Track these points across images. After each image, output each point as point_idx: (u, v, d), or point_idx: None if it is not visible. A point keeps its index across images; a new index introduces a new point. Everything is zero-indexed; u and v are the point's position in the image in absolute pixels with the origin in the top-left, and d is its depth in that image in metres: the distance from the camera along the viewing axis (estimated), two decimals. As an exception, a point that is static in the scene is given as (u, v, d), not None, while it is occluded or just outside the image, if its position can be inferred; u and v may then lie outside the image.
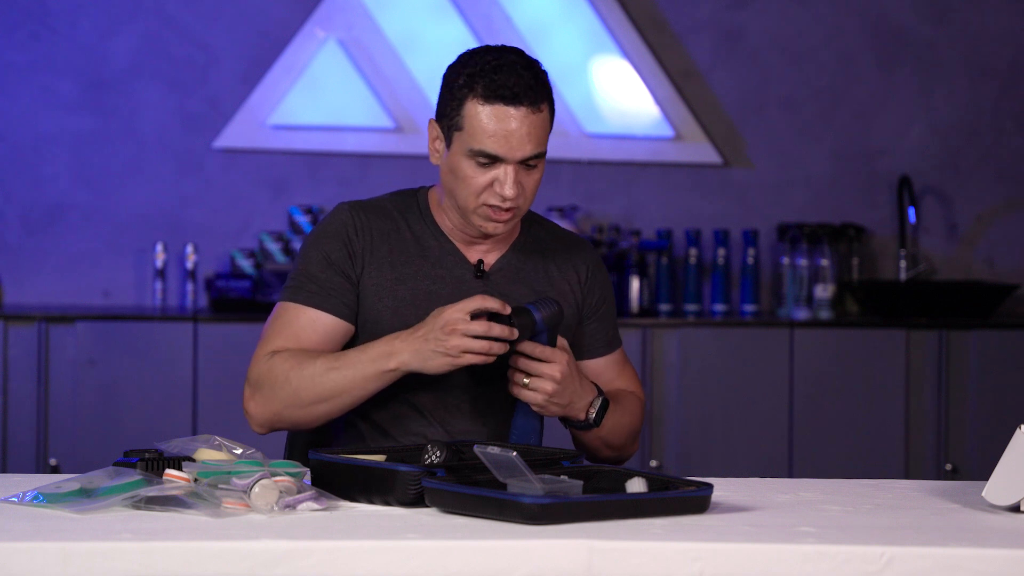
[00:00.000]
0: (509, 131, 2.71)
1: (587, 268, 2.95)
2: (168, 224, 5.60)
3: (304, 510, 2.31)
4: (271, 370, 2.74)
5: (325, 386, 2.71)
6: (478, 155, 2.73)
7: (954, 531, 2.27)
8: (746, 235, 5.68)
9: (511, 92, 2.71)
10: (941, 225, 5.85)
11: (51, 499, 2.31)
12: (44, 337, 5.13)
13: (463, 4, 5.64)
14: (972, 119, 5.85)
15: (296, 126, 5.60)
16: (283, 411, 2.75)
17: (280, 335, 2.80)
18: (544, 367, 2.69)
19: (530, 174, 2.76)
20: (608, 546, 2.12)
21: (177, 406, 5.13)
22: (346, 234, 2.83)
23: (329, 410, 2.74)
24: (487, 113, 2.72)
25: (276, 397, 2.74)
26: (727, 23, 5.78)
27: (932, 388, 5.34)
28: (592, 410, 2.78)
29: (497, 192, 2.74)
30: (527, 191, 2.76)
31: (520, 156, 2.73)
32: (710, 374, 5.30)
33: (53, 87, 5.56)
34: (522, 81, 2.72)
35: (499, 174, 2.73)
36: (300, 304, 2.81)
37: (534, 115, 2.73)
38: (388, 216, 2.86)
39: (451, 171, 2.77)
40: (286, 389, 2.73)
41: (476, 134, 2.72)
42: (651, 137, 5.75)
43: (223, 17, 5.62)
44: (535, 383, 2.69)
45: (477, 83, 2.72)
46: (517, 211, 2.77)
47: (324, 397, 2.72)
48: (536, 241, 2.93)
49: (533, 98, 2.72)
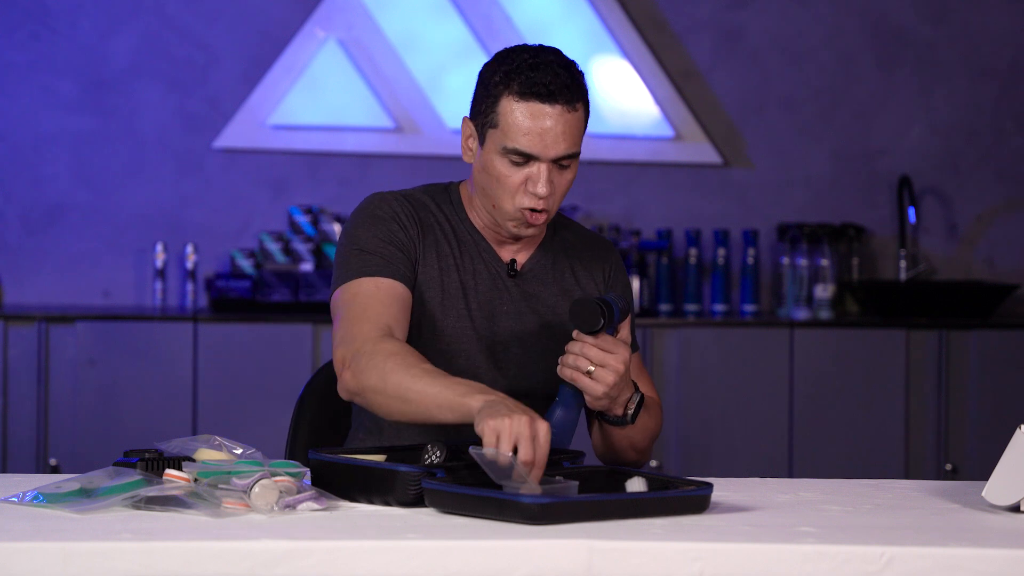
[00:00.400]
0: (544, 129, 2.71)
1: (610, 268, 2.96)
2: (168, 224, 5.60)
3: (304, 510, 2.31)
4: (375, 349, 2.63)
5: (410, 387, 2.59)
6: (512, 153, 2.72)
7: (954, 531, 2.27)
8: (746, 235, 5.68)
9: (547, 90, 2.70)
10: (941, 225, 5.85)
11: (51, 499, 2.31)
12: (44, 337, 5.13)
13: (463, 4, 5.64)
14: (972, 119, 5.85)
15: (296, 126, 5.60)
16: (367, 391, 2.63)
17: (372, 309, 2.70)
18: (610, 358, 2.66)
19: (563, 174, 2.75)
20: (608, 546, 2.12)
21: (177, 406, 5.13)
22: (398, 218, 2.81)
23: (403, 411, 2.62)
24: (522, 110, 2.71)
25: (368, 375, 2.62)
26: (727, 23, 5.78)
27: (932, 388, 5.34)
28: (631, 405, 2.76)
29: (530, 191, 2.73)
30: (559, 191, 2.75)
31: (554, 154, 2.72)
32: (710, 374, 5.30)
33: (53, 87, 5.56)
34: (559, 79, 2.71)
35: (532, 172, 2.73)
36: (375, 276, 2.75)
37: (569, 114, 2.72)
38: (428, 208, 2.85)
39: (484, 169, 2.76)
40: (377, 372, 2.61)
41: (511, 132, 2.71)
42: (651, 137, 5.75)
43: (223, 17, 5.62)
44: (599, 373, 2.67)
45: (513, 80, 2.72)
46: (548, 213, 2.77)
47: (406, 398, 2.60)
48: (562, 241, 2.93)
49: (569, 97, 2.71)
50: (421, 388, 2.58)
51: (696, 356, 5.29)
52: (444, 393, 2.55)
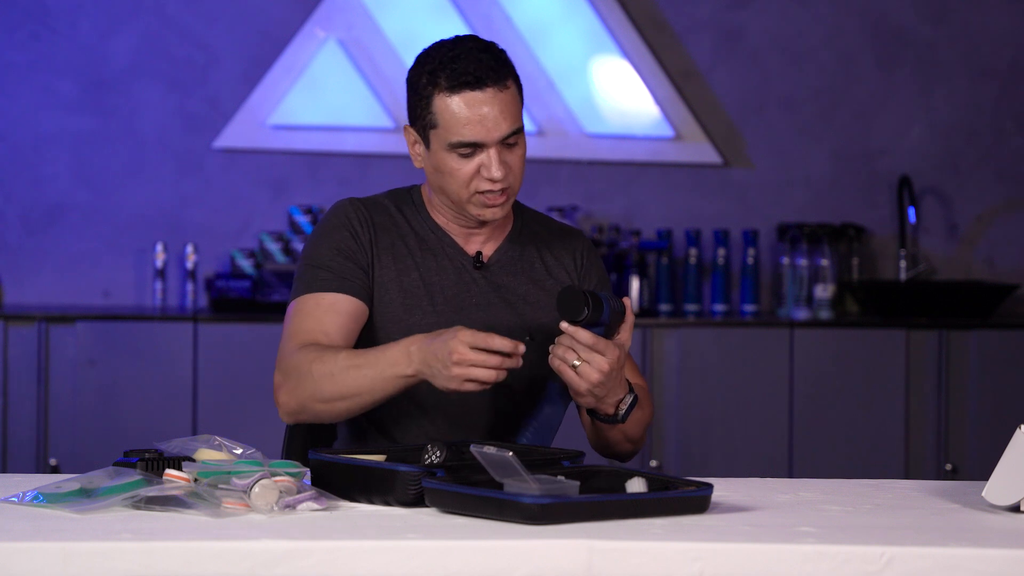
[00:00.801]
0: (482, 115, 2.73)
1: (581, 255, 2.97)
2: (168, 224, 5.60)
3: (304, 510, 2.31)
4: (299, 362, 2.73)
5: (345, 384, 2.70)
6: (458, 147, 2.75)
7: (954, 531, 2.27)
8: (746, 235, 5.68)
9: (474, 76, 2.73)
10: (941, 225, 5.85)
11: (51, 499, 2.31)
12: (44, 337, 5.13)
13: (463, 4, 5.64)
14: (972, 119, 5.85)
15: (296, 126, 5.60)
16: (307, 403, 2.73)
17: (303, 326, 2.78)
18: (596, 357, 2.67)
19: (513, 152, 2.77)
20: (608, 546, 2.12)
21: (177, 406, 5.13)
22: (352, 226, 2.84)
23: (350, 407, 2.72)
24: (456, 103, 2.74)
25: (300, 389, 2.73)
26: (727, 23, 5.78)
27: (932, 388, 5.34)
28: (623, 406, 2.77)
29: (485, 177, 2.75)
30: (514, 169, 2.78)
31: (498, 136, 2.74)
32: (710, 374, 5.30)
33: (53, 87, 5.56)
34: (482, 64, 2.74)
35: (483, 159, 2.75)
36: (317, 292, 2.81)
37: (502, 93, 2.74)
38: (387, 211, 2.88)
39: (436, 169, 2.79)
40: (309, 383, 2.72)
41: (451, 126, 2.74)
42: (651, 137, 5.75)
43: (223, 17, 5.62)
44: (583, 369, 2.67)
45: (439, 77, 2.75)
46: (510, 191, 2.79)
47: (343, 395, 2.70)
48: (530, 232, 2.94)
49: (496, 77, 2.74)
50: (353, 380, 2.68)
51: (696, 356, 5.29)
52: (376, 373, 2.66)
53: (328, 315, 2.78)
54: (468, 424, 2.84)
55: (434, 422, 2.84)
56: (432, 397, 2.81)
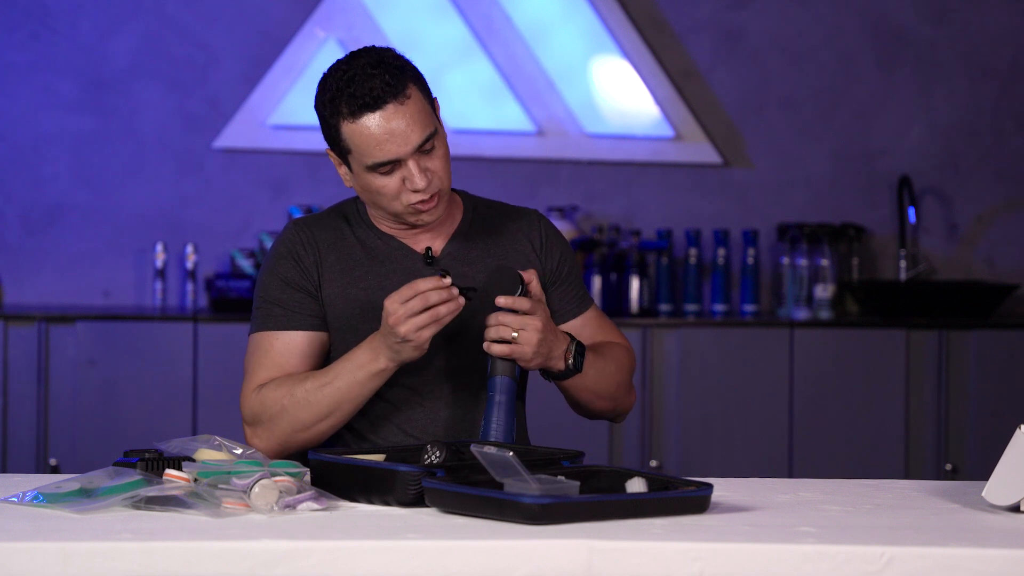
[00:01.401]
0: (389, 133, 2.72)
1: (540, 234, 2.97)
2: (168, 224, 5.60)
3: (304, 510, 2.31)
4: (263, 403, 2.77)
5: (322, 403, 2.74)
6: (376, 167, 2.75)
7: (954, 531, 2.27)
8: (746, 235, 5.68)
9: (372, 98, 2.72)
10: (941, 225, 5.85)
11: (51, 499, 2.31)
12: (44, 337, 5.13)
13: (463, 4, 5.64)
14: (972, 119, 5.85)
15: (296, 126, 5.60)
16: (288, 439, 2.77)
17: (262, 367, 2.82)
18: (528, 318, 2.70)
19: (432, 156, 2.77)
20: (608, 546, 2.12)
21: (177, 406, 5.13)
22: (295, 252, 2.86)
23: (333, 424, 2.77)
24: (362, 127, 2.73)
25: (277, 428, 2.77)
26: (727, 23, 5.78)
27: (932, 388, 5.34)
28: (569, 355, 2.78)
29: (410, 189, 2.76)
30: (438, 172, 2.78)
31: (411, 148, 2.74)
32: (710, 374, 5.30)
33: (53, 87, 5.56)
34: (376, 82, 2.72)
35: (404, 172, 2.75)
36: (272, 331, 2.84)
37: (403, 105, 2.73)
38: (331, 227, 2.90)
39: (364, 188, 2.81)
40: (284, 418, 2.75)
41: (363, 150, 2.74)
42: (651, 137, 5.75)
43: (223, 17, 5.62)
44: (523, 336, 2.70)
45: (339, 104, 2.75)
46: (440, 192, 2.79)
47: (324, 414, 2.75)
48: (482, 221, 2.95)
49: (394, 91, 2.73)
50: (328, 397, 2.74)
51: (696, 356, 5.29)
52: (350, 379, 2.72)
53: (285, 357, 2.82)
54: (429, 423, 2.84)
55: (408, 421, 2.84)
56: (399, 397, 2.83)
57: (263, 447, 2.77)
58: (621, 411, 2.98)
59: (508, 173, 5.68)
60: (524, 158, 5.69)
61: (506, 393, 2.72)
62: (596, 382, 2.87)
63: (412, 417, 2.84)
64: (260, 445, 2.78)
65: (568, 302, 2.96)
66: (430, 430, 2.83)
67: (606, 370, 2.88)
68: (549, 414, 3.63)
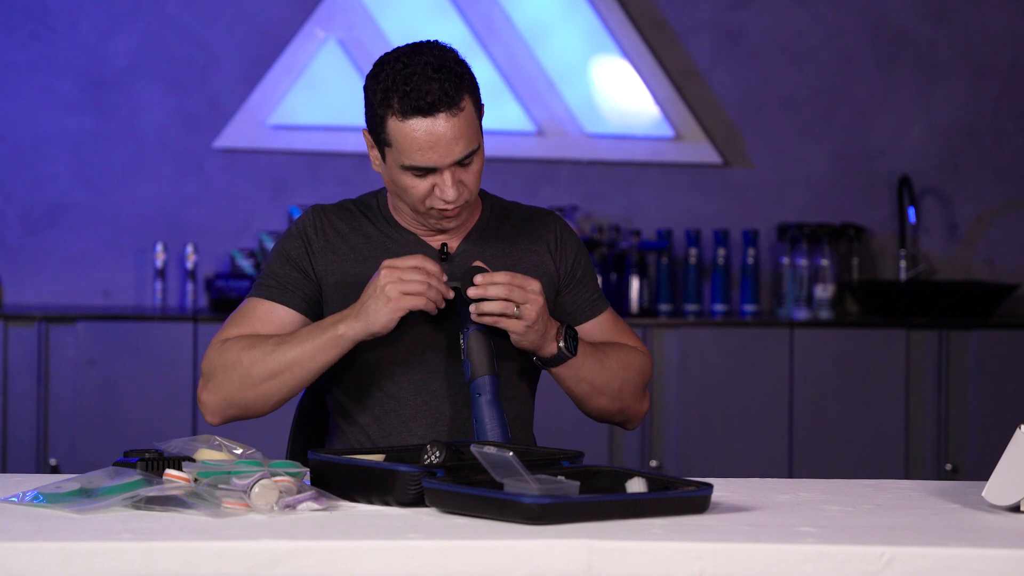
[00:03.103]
0: (434, 141, 2.70)
1: (555, 236, 2.96)
2: (168, 224, 5.60)
3: (304, 510, 2.31)
4: (222, 355, 2.78)
5: (276, 360, 2.74)
6: (411, 169, 2.74)
7: (954, 531, 2.27)
8: (746, 235, 5.68)
9: (426, 103, 2.69)
10: (941, 225, 5.85)
11: (51, 499, 2.31)
12: (44, 337, 5.13)
13: (463, 4, 5.64)
14: (972, 119, 5.85)
15: (296, 126, 5.60)
16: (235, 393, 2.76)
17: (236, 325, 2.83)
18: (531, 294, 2.71)
19: (468, 170, 2.76)
20: (608, 546, 2.12)
21: (177, 406, 5.13)
22: (305, 234, 2.87)
23: (280, 387, 2.75)
24: (409, 128, 2.71)
25: (228, 380, 2.76)
26: (727, 23, 5.78)
27: (932, 388, 5.34)
28: (560, 338, 2.78)
29: (439, 196, 2.75)
30: (470, 185, 2.77)
31: (451, 160, 2.72)
32: (710, 374, 5.30)
33: (53, 87, 5.56)
34: (435, 86, 2.69)
35: (436, 180, 2.74)
36: (259, 298, 2.85)
37: (455, 117, 2.71)
38: (350, 217, 2.90)
39: (392, 181, 2.80)
40: (237, 370, 2.75)
41: (404, 150, 2.72)
42: (651, 137, 5.75)
43: (223, 17, 5.62)
44: (524, 310, 2.70)
45: (392, 99, 2.71)
46: (465, 205, 2.79)
47: (274, 373, 2.74)
48: (500, 221, 2.94)
49: (450, 101, 2.70)
50: (283, 355, 2.73)
51: (696, 356, 5.29)
52: (305, 343, 2.72)
53: (264, 324, 2.82)
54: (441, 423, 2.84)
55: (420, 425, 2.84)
56: (415, 396, 2.82)
57: (209, 399, 2.78)
58: (630, 415, 2.95)
59: (508, 173, 5.68)
60: (524, 158, 5.69)
61: (491, 391, 2.72)
62: (594, 374, 2.85)
63: (416, 415, 2.84)
64: (207, 397, 2.78)
65: (582, 304, 2.95)
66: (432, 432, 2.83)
67: (607, 364, 2.87)
68: (549, 414, 3.63)
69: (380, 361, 2.82)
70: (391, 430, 2.83)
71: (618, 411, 2.92)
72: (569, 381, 2.86)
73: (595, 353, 2.85)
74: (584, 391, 2.87)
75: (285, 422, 3.11)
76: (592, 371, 2.85)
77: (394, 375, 2.82)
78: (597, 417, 2.95)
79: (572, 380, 2.85)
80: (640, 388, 2.93)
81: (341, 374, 2.85)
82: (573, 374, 2.84)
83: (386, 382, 2.82)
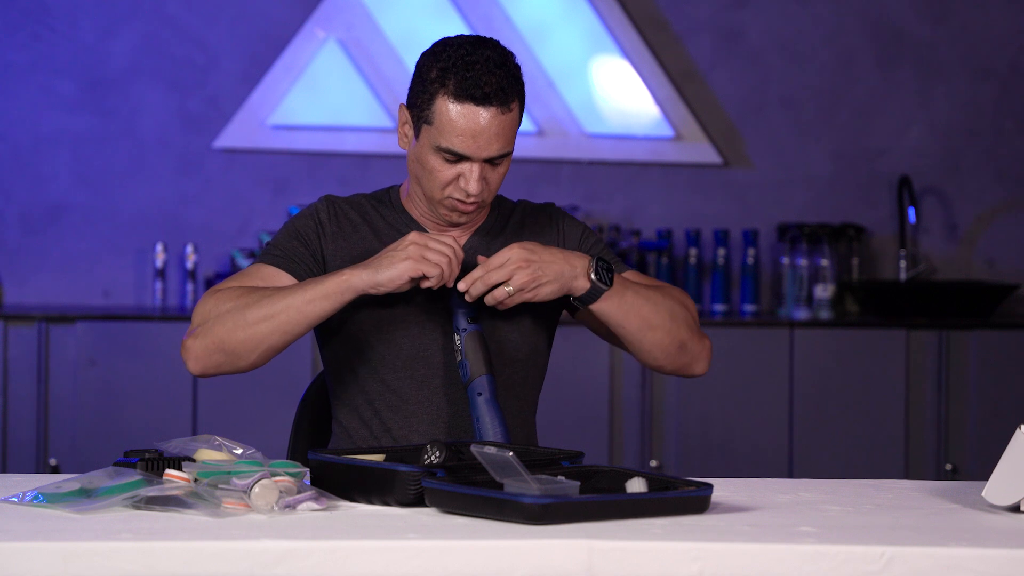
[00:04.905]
0: (477, 131, 2.72)
1: (558, 225, 2.96)
2: (168, 224, 5.60)
3: (304, 510, 2.31)
4: (217, 300, 2.73)
5: (273, 302, 2.69)
6: (445, 151, 2.74)
7: (954, 531, 2.27)
8: (746, 235, 5.68)
9: (482, 92, 2.71)
10: (941, 225, 5.85)
11: (51, 499, 2.31)
12: (44, 337, 5.13)
13: (463, 4, 5.64)
14: (972, 119, 5.85)
15: (296, 126, 5.60)
16: (225, 335, 2.71)
17: (235, 280, 2.81)
18: (507, 266, 2.70)
19: (495, 170, 2.78)
20: (608, 546, 2.12)
21: (177, 406, 5.13)
22: (318, 216, 2.89)
23: (272, 331, 2.70)
24: (457, 111, 2.72)
25: (219, 321, 2.71)
26: (727, 23, 5.78)
27: (932, 388, 5.34)
28: (591, 270, 2.74)
29: (462, 187, 2.76)
30: (491, 185, 2.79)
31: (486, 155, 2.74)
32: (710, 374, 5.27)
33: (53, 87, 5.56)
34: (494, 80, 2.72)
35: (464, 170, 2.75)
36: (264, 264, 2.83)
37: (503, 115, 2.73)
38: (362, 210, 2.91)
39: (417, 160, 2.80)
40: (231, 311, 2.71)
41: (444, 131, 2.73)
42: (651, 137, 5.75)
43: (223, 17, 5.62)
44: (514, 281, 2.69)
45: (449, 79, 2.73)
46: (481, 204, 2.80)
47: (270, 314, 2.69)
48: (506, 217, 2.95)
49: (503, 98, 2.72)
50: (281, 298, 2.69)
51: (696, 356, 5.29)
52: (303, 291, 2.68)
53: (257, 280, 2.79)
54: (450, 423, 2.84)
55: (433, 423, 2.84)
56: (419, 393, 2.82)
57: (195, 346, 2.73)
58: (694, 353, 2.87)
59: (508, 173, 5.67)
60: (524, 158, 5.69)
61: (489, 390, 2.72)
62: (639, 305, 2.78)
63: (418, 411, 2.84)
64: (193, 344, 2.73)
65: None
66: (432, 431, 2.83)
67: (650, 297, 2.80)
68: (550, 414, 3.63)
69: (383, 357, 2.82)
70: (392, 425, 2.83)
71: (679, 347, 2.84)
72: (615, 316, 2.78)
73: (633, 286, 2.79)
74: (635, 325, 2.79)
75: (286, 422, 3.11)
76: (635, 302, 2.77)
77: (397, 370, 2.82)
78: (663, 361, 2.84)
79: (619, 314, 2.78)
80: (692, 322, 2.87)
81: (344, 368, 2.86)
82: (617, 307, 2.77)
83: (389, 377, 2.82)
